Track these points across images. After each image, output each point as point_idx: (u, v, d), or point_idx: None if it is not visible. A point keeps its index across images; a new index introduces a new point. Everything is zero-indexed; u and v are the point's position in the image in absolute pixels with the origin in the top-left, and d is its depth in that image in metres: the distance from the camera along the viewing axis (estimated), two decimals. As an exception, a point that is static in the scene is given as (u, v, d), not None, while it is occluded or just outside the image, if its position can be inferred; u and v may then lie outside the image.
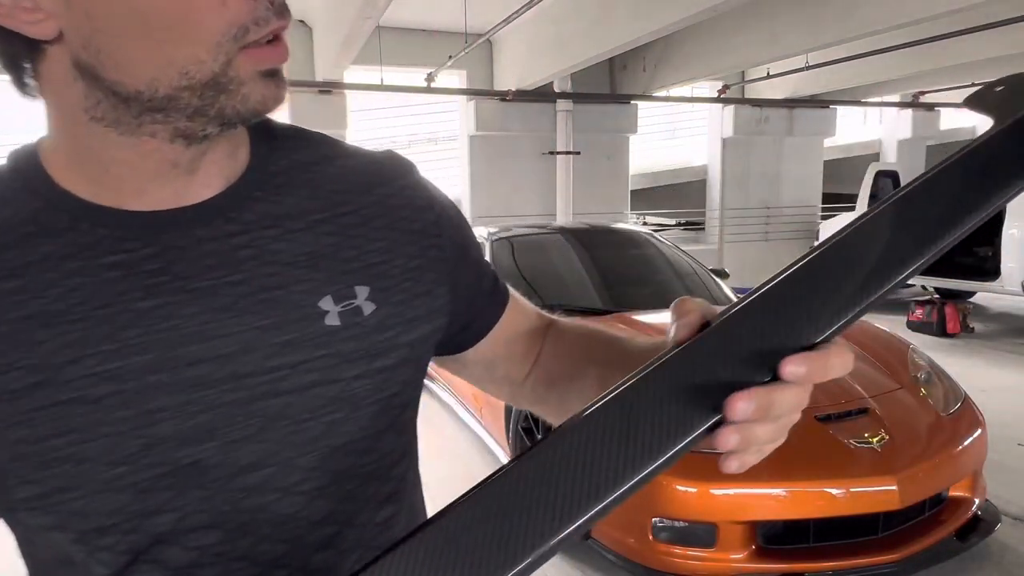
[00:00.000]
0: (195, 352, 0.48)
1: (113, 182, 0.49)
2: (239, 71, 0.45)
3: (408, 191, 0.60)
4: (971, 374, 5.04)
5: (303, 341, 0.51)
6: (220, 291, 0.49)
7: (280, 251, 0.52)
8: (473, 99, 8.20)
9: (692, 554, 2.18)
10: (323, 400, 0.52)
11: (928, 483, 2.30)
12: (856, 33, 6.00)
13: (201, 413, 0.48)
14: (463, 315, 0.64)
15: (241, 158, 0.54)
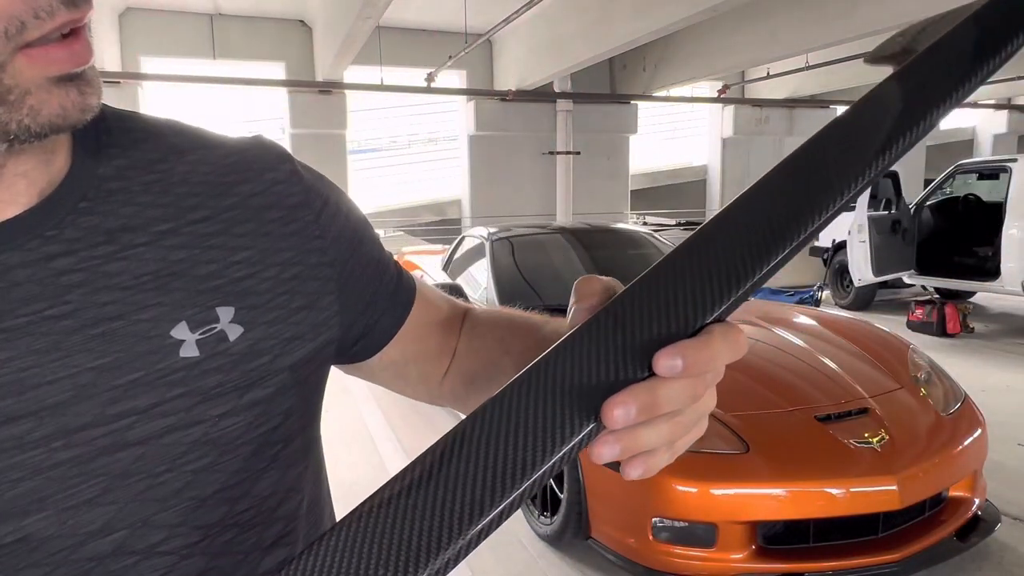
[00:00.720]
0: (11, 407, 0.38)
1: None
2: (20, 77, 0.36)
3: (279, 186, 0.50)
4: (971, 374, 5.04)
5: (154, 379, 0.42)
6: (40, 328, 0.40)
7: (117, 272, 0.42)
8: (473, 99, 8.20)
9: (692, 554, 2.18)
10: (183, 447, 0.42)
11: (928, 483, 2.30)
12: (856, 33, 6.01)
13: (24, 480, 0.39)
14: (361, 321, 0.55)
15: (59, 163, 0.43)
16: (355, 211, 0.57)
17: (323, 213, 0.52)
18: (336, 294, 0.51)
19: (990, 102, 12.02)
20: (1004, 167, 7.04)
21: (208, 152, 0.49)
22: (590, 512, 2.42)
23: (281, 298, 0.47)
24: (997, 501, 2.68)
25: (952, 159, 8.34)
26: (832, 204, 0.36)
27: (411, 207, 11.18)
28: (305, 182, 0.52)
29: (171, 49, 7.34)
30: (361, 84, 7.91)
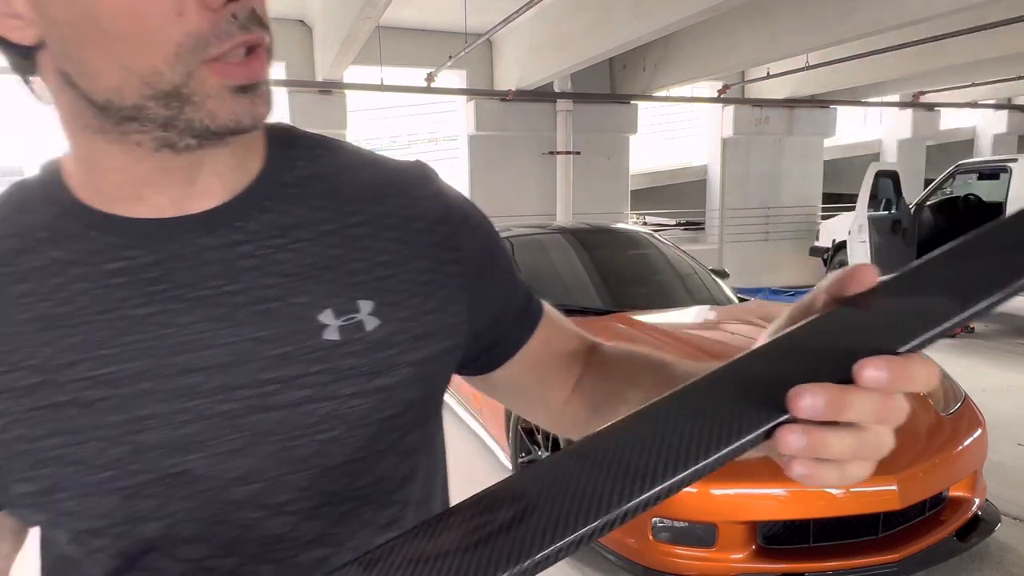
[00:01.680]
0: (188, 361, 0.48)
1: (112, 189, 0.50)
2: (203, 84, 0.44)
3: (426, 202, 0.57)
4: (971, 374, 5.04)
5: (299, 355, 0.49)
6: (218, 300, 0.49)
7: (284, 261, 0.51)
8: (473, 99, 8.20)
9: (692, 554, 2.18)
10: (316, 418, 0.49)
11: (928, 483, 2.30)
12: (856, 33, 6.00)
13: (190, 423, 0.47)
14: (487, 334, 0.60)
15: (252, 169, 0.53)
16: (493, 234, 0.62)
17: (461, 229, 0.58)
18: (465, 303, 0.56)
19: (990, 102, 12.01)
20: (1004, 167, 7.04)
21: (371, 170, 0.57)
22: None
23: (415, 299, 0.54)
24: (997, 501, 2.68)
25: (952, 159, 8.33)
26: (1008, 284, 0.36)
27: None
28: (448, 201, 0.59)
29: (171, 49, 7.35)
30: (361, 84, 7.91)
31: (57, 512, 0.48)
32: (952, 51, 7.40)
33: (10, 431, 0.46)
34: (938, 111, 11.38)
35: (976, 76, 9.44)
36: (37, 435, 0.46)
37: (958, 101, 11.42)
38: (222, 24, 0.43)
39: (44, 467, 0.46)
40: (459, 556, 0.34)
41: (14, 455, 0.47)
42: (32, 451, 0.46)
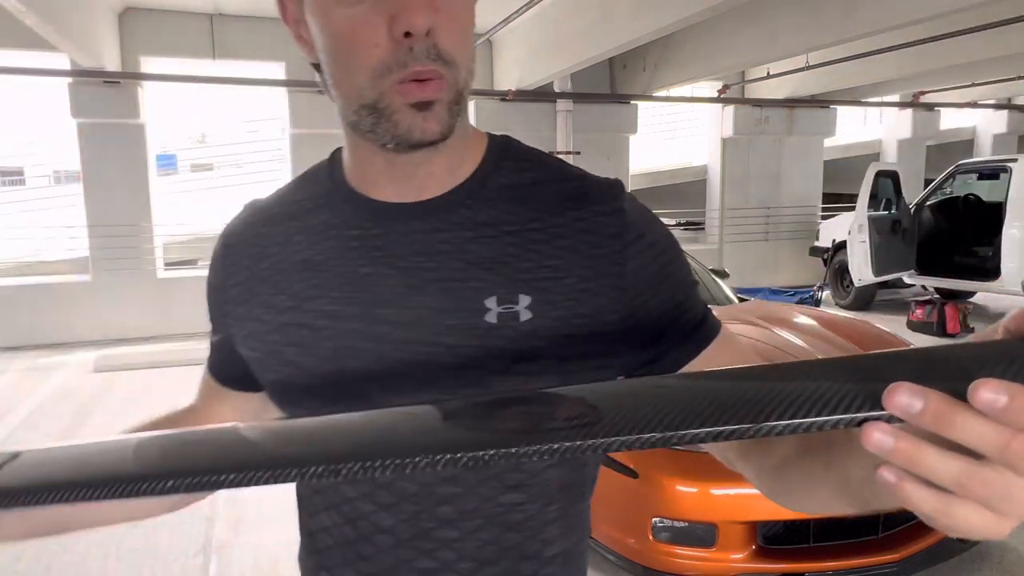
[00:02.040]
0: (386, 314, 0.62)
1: (361, 175, 0.66)
2: (391, 101, 0.56)
3: (601, 217, 0.62)
4: (971, 374, 5.04)
5: (463, 329, 0.60)
6: (416, 272, 0.62)
7: (469, 251, 0.61)
8: (473, 99, 8.20)
9: (692, 554, 2.18)
10: (464, 382, 0.60)
11: (928, 483, 2.30)
12: (856, 33, 6.00)
13: (377, 361, 0.61)
14: (650, 349, 0.63)
15: (463, 173, 0.65)
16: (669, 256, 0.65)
17: (631, 247, 0.62)
18: (620, 315, 0.61)
19: (990, 102, 12.01)
20: (1004, 167, 7.04)
21: (564, 184, 0.65)
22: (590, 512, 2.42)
23: (569, 303, 0.60)
24: (997, 501, 2.69)
25: (952, 159, 8.33)
26: None
27: (411, 207, 11.18)
28: (626, 219, 0.63)
29: (171, 49, 7.33)
30: (361, 84, 7.92)
31: (288, 402, 0.66)
32: (952, 51, 7.39)
33: (271, 336, 0.65)
34: (938, 111, 11.37)
35: (976, 76, 9.44)
36: (284, 342, 0.65)
37: (958, 101, 11.41)
38: (400, 54, 0.54)
39: (284, 367, 0.65)
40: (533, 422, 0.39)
41: (270, 352, 0.66)
42: (279, 353, 0.65)
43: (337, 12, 0.55)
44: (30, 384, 5.57)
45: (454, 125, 0.58)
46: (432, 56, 0.55)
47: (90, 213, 7.15)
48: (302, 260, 0.66)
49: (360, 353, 0.62)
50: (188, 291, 7.57)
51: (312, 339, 0.63)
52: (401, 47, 0.54)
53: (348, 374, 0.62)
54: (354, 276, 0.63)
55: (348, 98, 0.58)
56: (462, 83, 0.58)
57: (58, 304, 7.14)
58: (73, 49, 6.07)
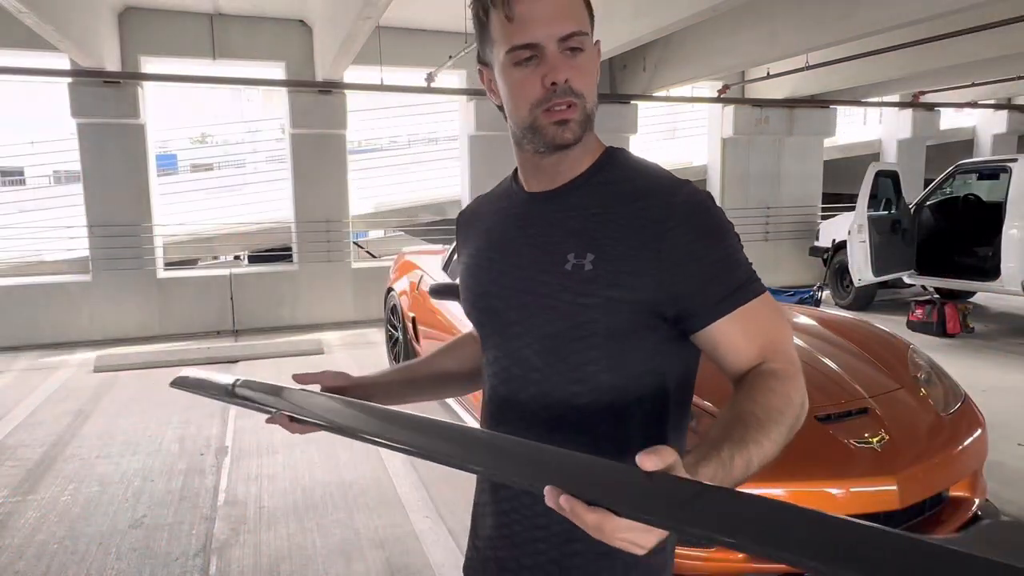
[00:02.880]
0: (514, 260, 1.00)
1: (523, 174, 1.04)
2: (539, 122, 0.92)
3: (655, 208, 0.90)
4: (971, 374, 5.04)
5: (552, 271, 0.94)
6: (537, 236, 0.98)
7: (564, 224, 0.95)
8: (473, 99, 8.20)
9: (692, 554, 2.18)
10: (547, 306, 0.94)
11: (928, 483, 2.30)
12: (856, 33, 6.00)
13: (501, 288, 1.01)
14: (681, 308, 0.90)
15: (578, 172, 0.98)
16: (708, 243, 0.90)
17: (672, 231, 0.89)
18: (655, 277, 0.89)
19: (990, 102, 12.01)
20: (1004, 167, 7.04)
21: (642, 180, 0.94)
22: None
23: (619, 262, 0.90)
24: (997, 501, 2.68)
25: (952, 159, 8.33)
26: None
27: (411, 207, 11.18)
28: (672, 211, 0.90)
29: (171, 49, 7.33)
30: (361, 84, 7.90)
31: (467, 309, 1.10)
32: (952, 51, 7.39)
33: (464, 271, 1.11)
34: (938, 111, 11.37)
35: (976, 76, 9.44)
36: (467, 275, 1.10)
37: (958, 101, 11.41)
38: (547, 95, 0.90)
39: (467, 289, 1.09)
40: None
41: (462, 280, 1.12)
42: (465, 281, 1.11)
43: (514, 72, 0.92)
44: (30, 384, 5.57)
45: (583, 135, 0.93)
46: (567, 93, 0.90)
47: (90, 213, 7.15)
48: (488, 227, 1.08)
49: (497, 282, 1.01)
50: (188, 291, 7.57)
51: (478, 274, 1.06)
52: (548, 91, 0.90)
53: (489, 295, 1.03)
54: (505, 237, 1.03)
55: (517, 124, 0.95)
56: (588, 109, 0.92)
57: (58, 304, 7.14)
58: (73, 49, 6.07)
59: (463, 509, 3.19)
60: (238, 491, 3.44)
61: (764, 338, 0.91)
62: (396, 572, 2.69)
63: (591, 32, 0.94)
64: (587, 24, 0.92)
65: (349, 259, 8.10)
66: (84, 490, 3.47)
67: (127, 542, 2.93)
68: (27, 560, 2.80)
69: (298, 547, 2.89)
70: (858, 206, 7.13)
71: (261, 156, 18.32)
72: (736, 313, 0.89)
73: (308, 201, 7.78)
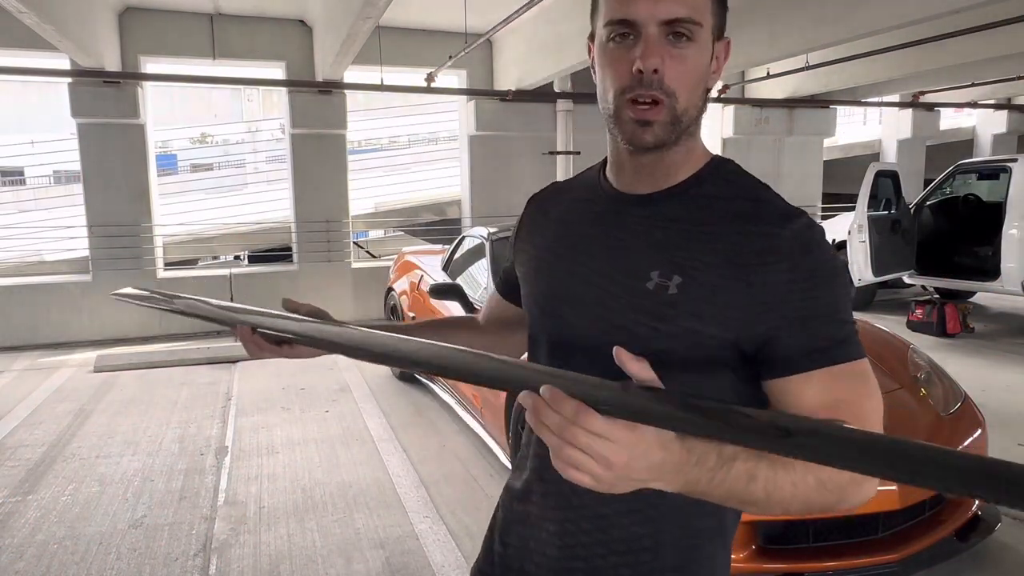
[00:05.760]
0: (587, 262, 0.90)
1: (613, 169, 0.93)
2: (622, 113, 0.82)
3: (760, 237, 0.79)
4: (971, 374, 5.04)
5: (631, 286, 0.84)
6: (621, 240, 0.88)
7: (652, 236, 0.85)
8: (473, 99, 8.20)
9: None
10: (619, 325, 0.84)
11: (928, 483, 2.29)
12: (856, 33, 6.00)
13: (570, 292, 0.91)
14: (761, 350, 0.79)
15: (676, 179, 0.87)
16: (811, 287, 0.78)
17: (772, 267, 0.78)
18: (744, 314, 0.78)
19: (990, 102, 12.01)
20: (1004, 167, 7.03)
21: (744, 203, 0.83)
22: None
23: (707, 291, 0.79)
24: (997, 501, 2.68)
25: (952, 159, 8.32)
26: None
27: (411, 207, 11.18)
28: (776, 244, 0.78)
29: (171, 49, 7.32)
30: (361, 84, 7.90)
31: (527, 306, 1.01)
32: (952, 51, 7.39)
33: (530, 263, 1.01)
34: (938, 111, 11.37)
35: (976, 76, 9.44)
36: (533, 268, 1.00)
37: (958, 101, 11.41)
38: (632, 81, 0.80)
39: (527, 284, 1.01)
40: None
41: (526, 273, 1.02)
42: (529, 274, 1.01)
43: (608, 49, 0.82)
44: (30, 384, 5.57)
45: (669, 140, 0.83)
46: (656, 87, 0.79)
47: (90, 213, 7.15)
48: (562, 220, 0.98)
49: (566, 285, 0.91)
50: (188, 291, 7.54)
51: (545, 268, 0.96)
52: (635, 78, 0.79)
53: (556, 298, 0.93)
54: (582, 236, 0.93)
55: (604, 108, 0.85)
56: (680, 110, 0.81)
57: (58, 304, 7.14)
58: (73, 49, 6.07)
59: (463, 509, 3.19)
60: (238, 491, 3.44)
61: (845, 409, 0.75)
62: (396, 572, 2.69)
63: (711, 25, 0.82)
64: (706, 14, 0.80)
65: (349, 259, 8.10)
66: (84, 490, 3.47)
67: (127, 542, 2.93)
68: (27, 560, 2.80)
69: (298, 547, 2.89)
70: (858, 206, 7.13)
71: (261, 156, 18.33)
72: (821, 372, 0.76)
73: (308, 201, 7.78)
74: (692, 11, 0.78)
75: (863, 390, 0.78)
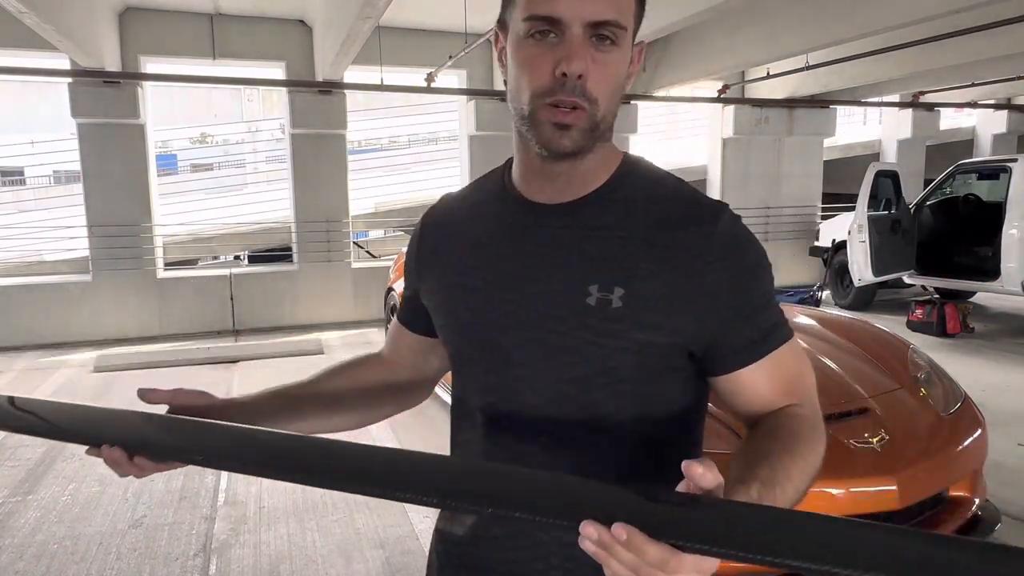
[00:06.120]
0: (518, 284, 0.81)
1: (523, 177, 0.85)
2: (539, 116, 0.76)
3: (695, 238, 0.77)
4: (971, 374, 5.04)
5: (568, 305, 0.78)
6: (544, 257, 0.81)
7: (584, 247, 0.80)
8: (473, 99, 8.19)
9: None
10: (564, 347, 0.79)
11: (928, 483, 2.30)
12: (856, 33, 6.00)
13: (503, 318, 0.82)
14: (707, 349, 0.80)
15: (594, 185, 0.82)
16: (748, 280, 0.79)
17: (712, 265, 0.77)
18: (692, 318, 0.77)
19: (990, 102, 12.00)
20: (1004, 167, 7.04)
21: (673, 203, 0.80)
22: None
23: (653, 300, 0.76)
24: (997, 501, 2.68)
25: (952, 159, 8.33)
26: None
27: (411, 207, 11.17)
28: (714, 242, 0.77)
29: (171, 49, 7.32)
30: (361, 84, 7.90)
31: (447, 341, 0.91)
32: (952, 51, 7.39)
33: (443, 291, 0.90)
34: (938, 111, 11.36)
35: (976, 76, 9.43)
36: (449, 297, 0.89)
37: (958, 101, 11.40)
38: (555, 84, 0.74)
39: (448, 315, 0.89)
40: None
41: (441, 302, 0.90)
42: (446, 303, 0.89)
43: (526, 46, 0.76)
44: (30, 384, 5.57)
45: (587, 147, 0.78)
46: (579, 93, 0.74)
47: (90, 213, 7.15)
48: (472, 239, 0.88)
49: (495, 311, 0.83)
50: (188, 291, 7.57)
51: (466, 296, 0.86)
52: (557, 81, 0.74)
53: (485, 326, 0.84)
54: (501, 255, 0.84)
55: (515, 108, 0.79)
56: (599, 117, 0.77)
57: (58, 304, 7.14)
58: (73, 49, 6.07)
59: (463, 509, 3.19)
60: (238, 491, 3.44)
61: (790, 385, 0.82)
62: (396, 572, 2.69)
63: (632, 30, 0.78)
64: (630, 18, 0.76)
65: (349, 259, 8.10)
66: (84, 490, 3.47)
67: (127, 542, 2.93)
68: (27, 560, 2.80)
69: (298, 547, 2.89)
70: (858, 206, 7.13)
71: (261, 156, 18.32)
72: (767, 359, 0.80)
73: (308, 201, 7.78)
74: (618, 14, 0.74)
75: (802, 366, 0.84)
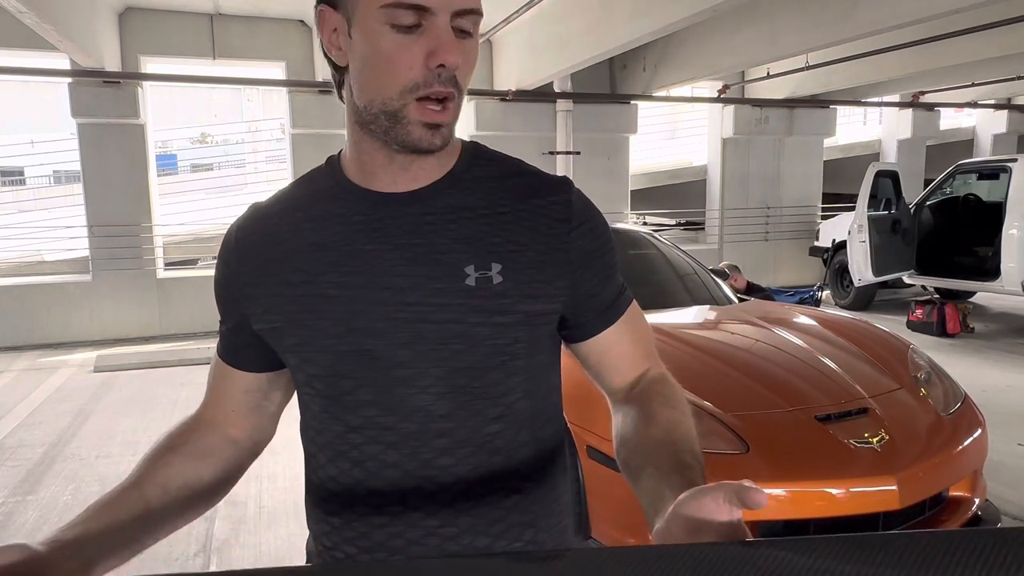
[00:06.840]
0: (386, 282, 0.76)
1: (362, 168, 0.80)
2: (409, 114, 0.72)
3: (555, 206, 0.80)
4: (971, 374, 5.04)
5: (449, 291, 0.75)
6: (409, 248, 0.76)
7: (451, 230, 0.77)
8: (473, 99, 8.19)
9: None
10: (453, 334, 0.75)
11: (928, 483, 2.30)
12: (856, 33, 6.00)
13: (379, 320, 0.75)
14: (577, 314, 0.82)
15: (445, 167, 0.80)
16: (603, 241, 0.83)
17: (576, 230, 0.80)
18: (567, 281, 0.79)
19: (990, 102, 12.00)
20: (1004, 167, 7.04)
21: (525, 178, 0.82)
22: (590, 512, 2.42)
23: (531, 271, 0.77)
24: (997, 501, 2.68)
25: (952, 159, 8.33)
26: None
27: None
28: (573, 209, 0.80)
29: (171, 49, 7.32)
30: (361, 84, 7.90)
31: (306, 360, 0.79)
32: (952, 51, 7.39)
33: (288, 306, 0.78)
34: (938, 111, 11.37)
35: (976, 76, 9.44)
36: (301, 310, 0.78)
37: (958, 101, 11.41)
38: (429, 77, 0.71)
39: (302, 330, 0.78)
40: None
41: (289, 320, 0.78)
42: (297, 319, 0.78)
43: (387, 35, 0.70)
44: (30, 384, 5.57)
45: (451, 140, 0.77)
46: (451, 83, 0.72)
47: (90, 213, 7.15)
48: (313, 243, 0.79)
49: (366, 314, 0.76)
50: (188, 291, 7.57)
51: (326, 305, 0.77)
52: (431, 74, 0.71)
53: (357, 332, 0.76)
54: (359, 253, 0.77)
55: (372, 102, 0.73)
56: (460, 107, 0.76)
57: (58, 304, 7.14)
58: (73, 49, 6.07)
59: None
60: (238, 491, 3.43)
61: (646, 343, 0.87)
62: (396, 572, 2.68)
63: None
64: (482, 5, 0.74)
65: (349, 259, 8.10)
66: (84, 490, 3.47)
67: (127, 542, 2.93)
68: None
69: (298, 547, 2.88)
70: (858, 206, 7.13)
71: (261, 156, 18.31)
72: (621, 320, 0.84)
73: (308, 201, 7.77)
74: (476, 2, 0.73)
75: (645, 324, 0.89)
